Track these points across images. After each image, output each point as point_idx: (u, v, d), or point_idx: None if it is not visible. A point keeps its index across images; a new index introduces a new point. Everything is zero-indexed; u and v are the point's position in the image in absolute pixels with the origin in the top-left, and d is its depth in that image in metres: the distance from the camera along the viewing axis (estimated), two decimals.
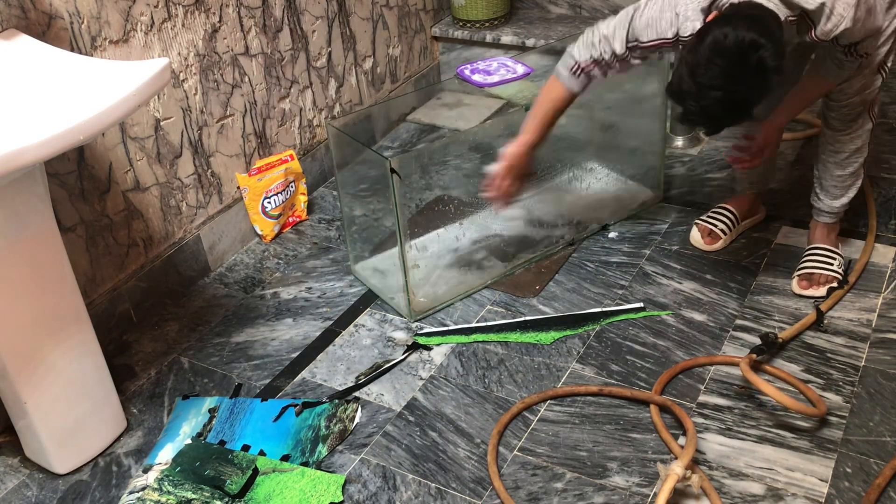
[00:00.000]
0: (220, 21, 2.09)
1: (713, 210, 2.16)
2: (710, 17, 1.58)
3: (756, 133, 1.90)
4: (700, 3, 1.59)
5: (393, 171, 1.80)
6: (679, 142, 2.58)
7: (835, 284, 1.95)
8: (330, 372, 1.88)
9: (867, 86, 1.83)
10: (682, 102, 1.57)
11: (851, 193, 1.99)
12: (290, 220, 2.39)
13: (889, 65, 1.83)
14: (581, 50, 1.76)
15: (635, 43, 1.70)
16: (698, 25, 1.58)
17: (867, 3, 1.58)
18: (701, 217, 2.16)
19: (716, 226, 2.11)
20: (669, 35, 1.64)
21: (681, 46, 1.64)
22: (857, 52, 1.69)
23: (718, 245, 2.11)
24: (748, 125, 1.94)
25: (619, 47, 1.71)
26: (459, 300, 2.05)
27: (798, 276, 1.98)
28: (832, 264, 1.98)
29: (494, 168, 1.90)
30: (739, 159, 1.93)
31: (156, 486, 1.61)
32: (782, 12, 1.54)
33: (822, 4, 1.53)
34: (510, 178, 1.91)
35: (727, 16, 1.53)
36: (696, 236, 2.14)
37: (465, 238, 2.19)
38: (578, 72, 1.77)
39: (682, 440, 1.64)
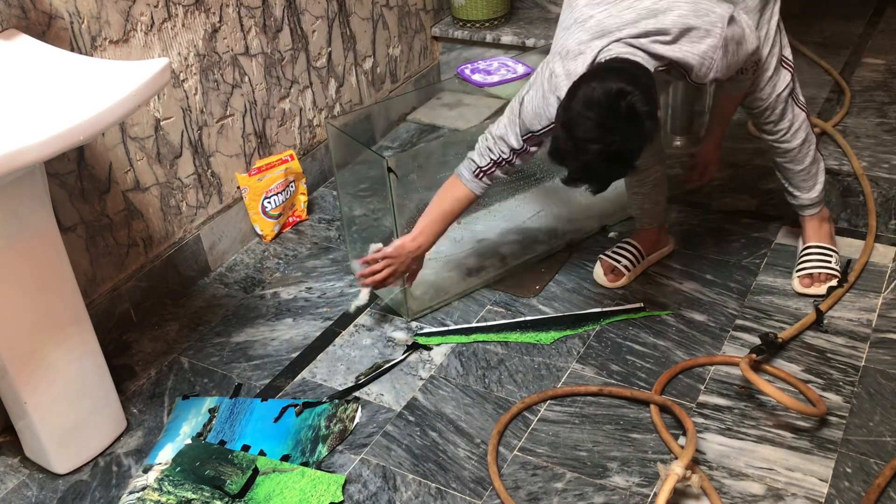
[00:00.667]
0: (220, 21, 2.09)
1: (617, 245, 2.10)
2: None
3: (697, 151, 1.98)
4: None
5: (390, 169, 1.80)
6: (678, 142, 2.58)
7: (834, 283, 1.95)
8: (330, 372, 1.88)
9: (777, 81, 1.83)
10: (563, 162, 1.54)
11: (822, 178, 2.00)
12: (290, 220, 2.39)
13: (789, 57, 1.84)
14: (480, 156, 1.74)
15: (529, 134, 1.68)
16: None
17: (734, 39, 1.58)
18: (605, 252, 2.10)
19: (619, 262, 2.06)
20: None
21: None
22: (744, 70, 1.73)
23: (622, 282, 2.05)
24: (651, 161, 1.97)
25: (515, 142, 1.70)
26: (457, 299, 2.05)
27: (799, 275, 1.99)
28: (830, 261, 1.99)
29: (376, 251, 1.84)
30: (689, 178, 2.00)
31: (156, 486, 1.61)
32: (650, 64, 1.54)
33: (688, 53, 1.55)
34: (391, 269, 1.84)
35: (593, 72, 1.53)
36: (598, 273, 2.08)
37: (464, 238, 2.19)
38: (481, 175, 1.75)
39: (682, 440, 1.64)
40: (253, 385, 1.86)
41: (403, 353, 1.90)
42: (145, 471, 1.66)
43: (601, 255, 2.10)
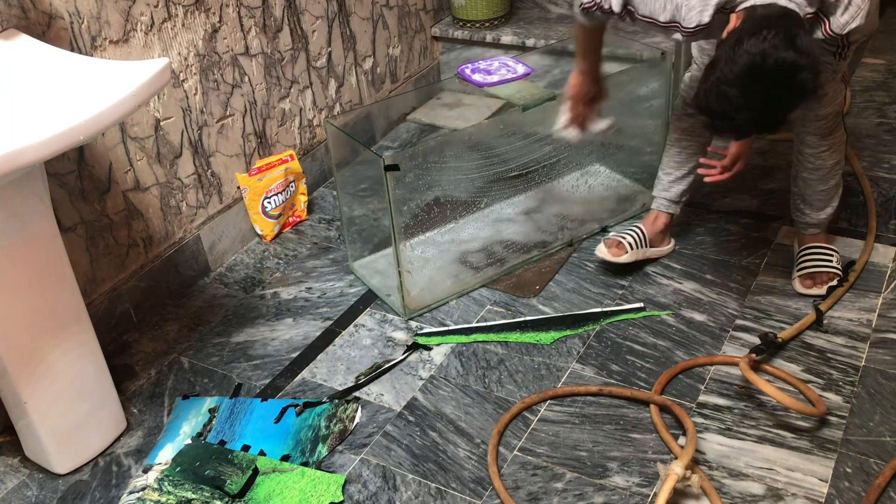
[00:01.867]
0: (220, 21, 2.09)
1: (623, 226, 2.12)
2: (736, 18, 1.50)
3: (727, 147, 1.87)
4: None
5: (388, 167, 1.80)
6: None
7: (834, 283, 1.95)
8: (330, 372, 1.88)
9: (836, 95, 1.82)
10: (713, 118, 1.51)
11: (835, 202, 1.98)
12: (290, 220, 2.39)
13: (848, 74, 1.83)
14: None
15: (631, 9, 1.65)
16: (706, 19, 1.53)
17: (874, 3, 1.54)
18: (611, 234, 2.12)
19: (623, 238, 2.06)
20: (661, 18, 1.60)
21: (681, 35, 1.60)
22: (850, 46, 1.62)
23: (624, 258, 2.03)
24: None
25: (616, 5, 1.65)
26: (454, 299, 2.05)
27: (800, 276, 1.98)
28: (831, 261, 1.98)
29: (564, 101, 1.99)
30: (710, 173, 1.89)
31: (156, 486, 1.61)
32: (802, 10, 1.48)
33: None
34: (580, 104, 1.96)
35: (759, 26, 1.44)
36: (601, 248, 2.06)
37: (463, 237, 2.19)
38: (584, 10, 1.72)
39: (682, 440, 1.64)
40: (253, 385, 1.86)
41: (403, 353, 1.90)
42: (145, 471, 1.66)
43: (605, 238, 2.09)
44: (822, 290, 1.96)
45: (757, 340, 1.82)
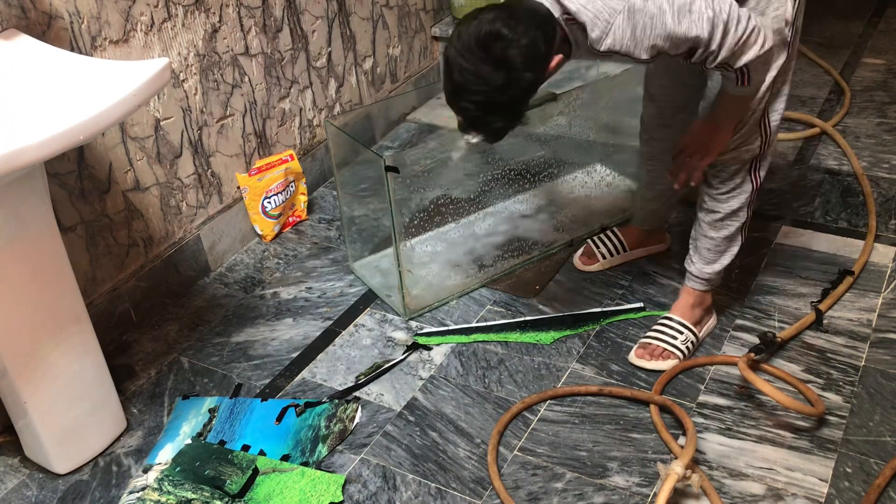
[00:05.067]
0: (220, 21, 2.09)
1: (603, 232, 2.13)
2: None
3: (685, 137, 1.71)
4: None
5: (388, 168, 1.80)
6: None
7: (679, 357, 1.82)
8: (330, 372, 1.88)
9: (745, 142, 1.64)
10: (450, 106, 1.51)
11: (725, 261, 1.80)
12: (290, 219, 2.39)
13: (772, 122, 1.64)
14: None
15: None
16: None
17: (645, 12, 1.39)
18: (593, 237, 2.13)
19: (598, 248, 2.09)
20: None
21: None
22: (718, 65, 1.48)
23: (594, 267, 2.09)
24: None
25: None
26: (454, 299, 2.05)
27: (638, 343, 1.85)
28: (676, 339, 1.81)
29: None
30: (676, 174, 1.75)
31: (156, 486, 1.61)
32: (557, 10, 1.44)
33: (581, 7, 1.41)
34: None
35: (485, 12, 1.43)
36: (576, 255, 2.12)
37: (463, 237, 2.19)
38: None
39: (682, 440, 1.64)
40: (253, 385, 1.86)
41: (403, 353, 1.90)
42: (145, 471, 1.66)
43: (588, 240, 2.13)
44: (650, 364, 1.81)
45: (757, 340, 1.82)
